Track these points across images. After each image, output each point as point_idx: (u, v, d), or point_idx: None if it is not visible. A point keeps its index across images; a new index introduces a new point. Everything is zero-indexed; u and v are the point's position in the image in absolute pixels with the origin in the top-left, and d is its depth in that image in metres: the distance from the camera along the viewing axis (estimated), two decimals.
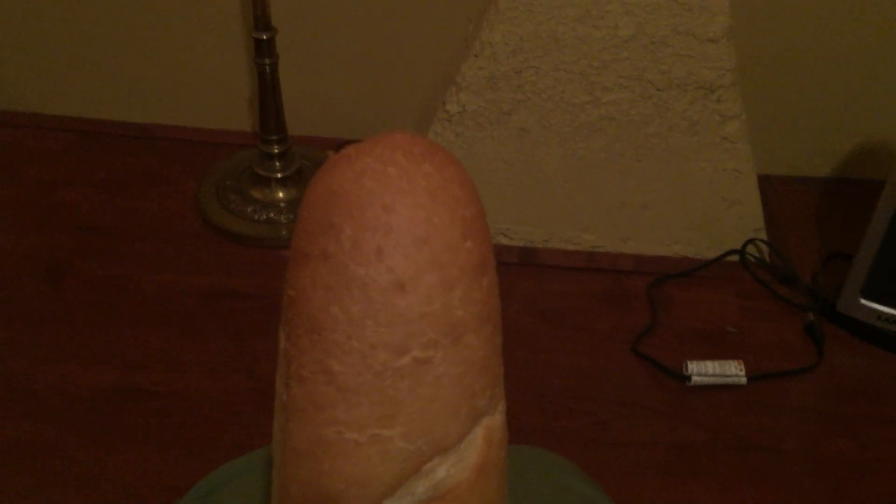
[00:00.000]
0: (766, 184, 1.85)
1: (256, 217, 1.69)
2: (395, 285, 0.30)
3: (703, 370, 1.46)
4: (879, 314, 1.51)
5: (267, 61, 1.61)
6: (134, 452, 1.30)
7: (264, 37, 1.58)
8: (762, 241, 1.67)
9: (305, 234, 0.33)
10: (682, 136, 1.58)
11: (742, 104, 1.56)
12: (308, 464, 0.33)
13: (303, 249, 0.33)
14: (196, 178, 1.81)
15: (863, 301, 1.52)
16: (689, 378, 1.46)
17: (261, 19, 1.57)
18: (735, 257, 1.67)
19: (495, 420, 0.34)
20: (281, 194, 1.73)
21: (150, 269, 1.60)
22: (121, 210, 1.73)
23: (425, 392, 0.31)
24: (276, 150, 1.70)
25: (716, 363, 1.47)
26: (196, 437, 1.33)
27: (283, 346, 0.33)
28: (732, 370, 1.47)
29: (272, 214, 1.69)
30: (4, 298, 1.53)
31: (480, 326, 0.33)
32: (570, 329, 1.55)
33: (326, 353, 0.31)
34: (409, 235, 0.31)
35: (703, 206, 1.64)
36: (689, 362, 1.47)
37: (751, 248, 1.67)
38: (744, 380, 1.46)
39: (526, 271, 1.64)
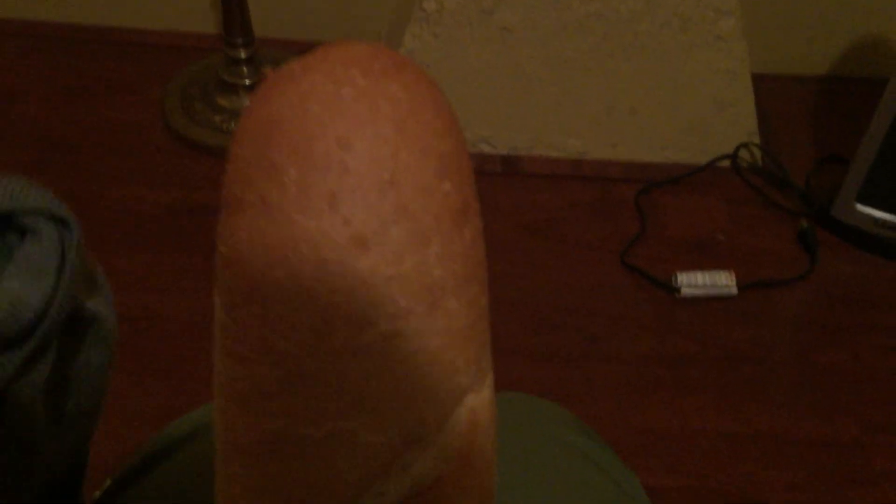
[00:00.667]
0: (759, 84, 1.76)
1: (224, 127, 1.60)
2: (355, 241, 0.23)
3: (692, 281, 1.41)
4: (876, 220, 1.46)
5: None
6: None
7: None
8: (755, 144, 1.60)
9: (239, 177, 0.25)
10: (674, 35, 1.49)
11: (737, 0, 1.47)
12: (254, 463, 0.26)
13: (236, 195, 0.26)
14: (160, 85, 1.70)
15: (859, 206, 1.46)
16: (678, 289, 1.41)
17: None
18: (727, 162, 1.61)
19: (482, 397, 0.27)
20: (249, 102, 1.63)
21: (112, 183, 1.52)
22: (81, 122, 1.63)
23: (395, 372, 0.25)
24: (242, 55, 1.59)
25: (706, 274, 1.42)
26: (166, 362, 1.28)
27: (220, 316, 0.26)
28: (723, 280, 1.42)
29: None
30: None
31: (463, 287, 0.26)
32: (556, 241, 1.49)
33: (271, 328, 0.24)
34: (371, 177, 0.24)
35: (694, 108, 1.56)
36: (678, 273, 1.42)
37: (743, 153, 1.60)
38: (734, 290, 1.42)
39: (509, 181, 1.57)
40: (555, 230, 1.50)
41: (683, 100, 1.55)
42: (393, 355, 0.25)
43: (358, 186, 0.24)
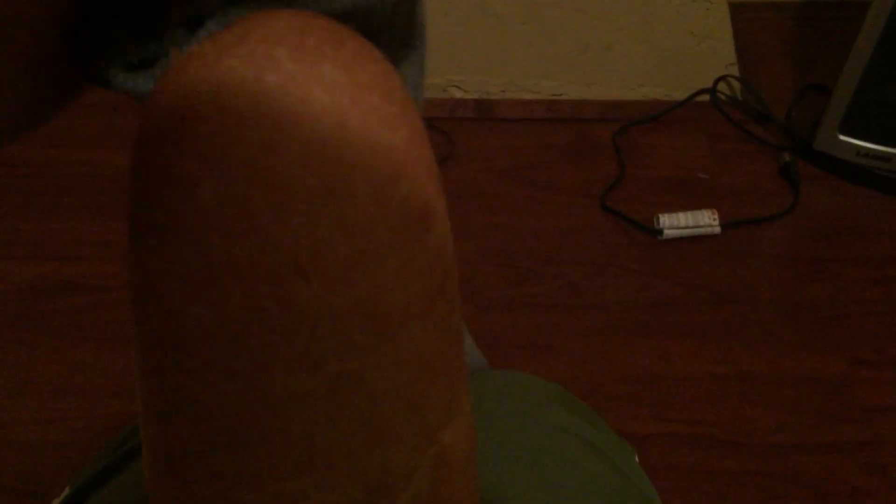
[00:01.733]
0: (737, 13, 1.71)
1: None
2: (291, 267, 0.19)
3: (675, 222, 1.38)
4: (859, 149, 1.42)
5: None
6: (70, 352, 1.21)
7: None
8: (734, 77, 1.55)
9: (145, 190, 0.21)
10: None
11: None
12: None
13: (143, 214, 0.21)
14: None
15: (841, 137, 1.43)
16: (660, 231, 1.37)
17: None
18: (706, 97, 1.56)
19: (456, 429, 0.23)
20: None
21: (71, 148, 1.45)
22: None
23: (350, 418, 0.21)
24: None
25: (688, 214, 1.38)
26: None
27: (135, 329, 0.22)
28: (705, 220, 1.38)
29: None
30: None
31: (428, 309, 0.21)
32: (533, 187, 1.44)
33: (192, 376, 0.20)
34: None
35: (671, 42, 1.51)
36: (660, 215, 1.38)
37: (722, 87, 1.55)
38: (717, 229, 1.38)
39: (483, 126, 1.51)
40: (531, 175, 1.45)
41: (659, 33, 1.49)
42: (346, 399, 0.21)
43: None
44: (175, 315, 0.20)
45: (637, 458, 0.52)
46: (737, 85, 1.56)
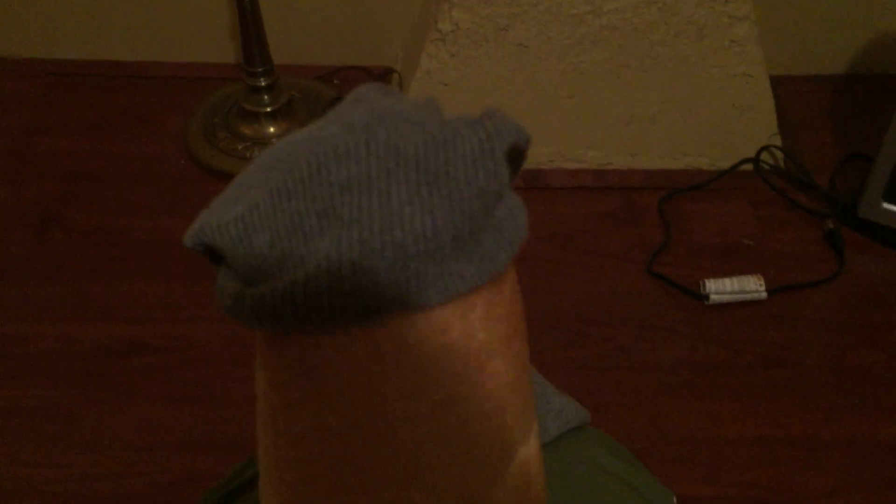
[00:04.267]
0: (778, 86, 1.76)
1: (248, 154, 1.61)
2: (403, 316, 0.24)
3: (721, 288, 1.41)
4: None
5: None
6: (141, 410, 1.27)
7: None
8: (777, 147, 1.59)
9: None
10: (689, 43, 1.49)
11: (751, 4, 1.47)
12: None
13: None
14: (181, 116, 1.72)
15: (885, 205, 1.46)
16: (707, 297, 1.41)
17: None
18: (749, 166, 1.60)
19: (530, 447, 0.28)
20: (272, 129, 1.65)
21: (141, 215, 1.54)
22: (106, 154, 1.66)
23: (449, 438, 0.26)
24: (262, 83, 1.61)
25: (734, 279, 1.42)
26: (205, 390, 1.29)
27: (264, 391, 0.27)
28: (752, 286, 1.41)
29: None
30: None
31: (506, 346, 0.27)
32: (582, 252, 1.49)
33: (322, 405, 0.25)
34: None
35: (714, 114, 1.56)
36: (706, 280, 1.42)
37: (765, 156, 1.60)
38: (764, 294, 1.41)
39: (532, 195, 1.57)
40: (580, 241, 1.50)
41: (702, 106, 1.55)
42: (446, 421, 0.26)
43: None
44: (307, 354, 0.25)
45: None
46: (779, 154, 1.60)
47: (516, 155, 0.31)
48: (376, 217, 0.25)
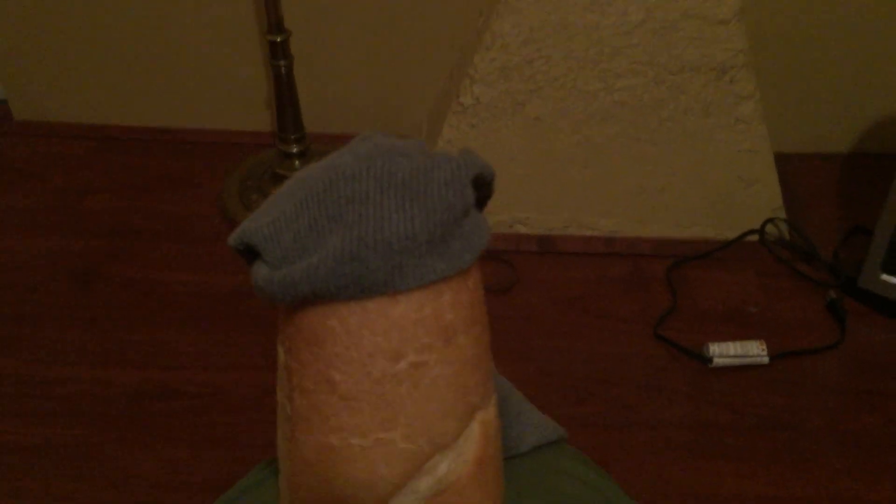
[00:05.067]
0: (785, 161, 1.85)
1: None
2: (388, 296, 0.32)
3: (724, 351, 1.47)
4: None
5: (282, 62, 1.63)
6: (167, 451, 1.34)
7: (278, 39, 1.61)
8: (781, 219, 1.67)
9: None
10: (697, 119, 1.58)
11: (755, 84, 1.56)
12: (317, 470, 0.35)
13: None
14: (219, 179, 1.84)
15: (884, 276, 1.52)
16: (711, 360, 1.47)
17: (274, 22, 1.59)
18: (754, 237, 1.68)
19: (489, 413, 0.36)
20: None
21: (177, 269, 1.64)
22: (147, 213, 1.77)
23: (423, 394, 0.33)
24: (294, 150, 1.72)
25: (737, 344, 1.48)
26: (227, 435, 1.36)
27: (283, 360, 0.35)
28: (754, 350, 1.47)
29: None
30: (37, 303, 1.57)
31: (469, 327, 0.35)
32: (592, 315, 1.56)
33: (327, 364, 0.33)
34: None
35: (720, 187, 1.64)
36: (710, 344, 1.48)
37: (770, 228, 1.67)
38: (766, 359, 1.47)
39: (546, 259, 1.66)
40: (590, 304, 1.58)
41: (709, 178, 1.63)
42: (420, 380, 0.33)
43: None
44: (317, 326, 0.33)
45: None
46: (784, 227, 1.67)
47: (482, 183, 0.39)
48: (371, 222, 0.34)
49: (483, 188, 0.41)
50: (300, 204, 0.36)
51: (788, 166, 1.84)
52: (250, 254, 0.40)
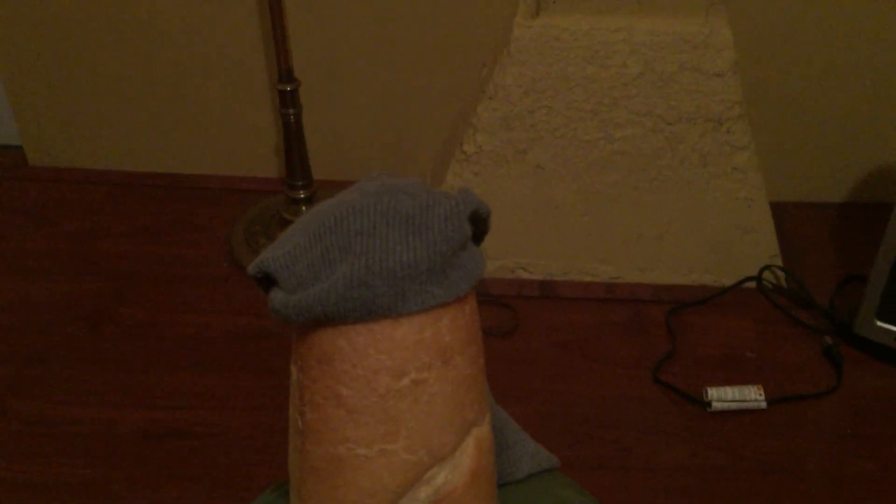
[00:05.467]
0: (782, 210, 1.89)
1: None
2: (392, 318, 0.36)
3: (723, 396, 1.49)
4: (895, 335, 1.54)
5: (291, 111, 1.69)
6: (174, 490, 1.36)
7: (288, 88, 1.66)
8: (778, 267, 1.70)
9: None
10: (694, 168, 1.63)
11: (751, 135, 1.61)
12: (324, 479, 0.38)
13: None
14: (226, 224, 1.88)
15: (879, 323, 1.55)
16: (709, 404, 1.49)
17: (284, 72, 1.65)
18: (752, 284, 1.71)
19: (484, 430, 0.39)
20: None
21: (185, 312, 1.67)
22: (156, 257, 1.81)
23: (423, 409, 0.37)
24: (301, 195, 1.77)
25: (735, 389, 1.50)
26: (235, 474, 1.39)
27: (295, 377, 0.39)
28: (752, 395, 1.50)
29: None
30: (48, 344, 1.60)
31: (466, 348, 0.38)
32: (592, 359, 1.59)
33: (336, 380, 0.37)
34: None
35: (718, 234, 1.68)
36: (709, 388, 1.50)
37: (767, 275, 1.71)
38: (763, 404, 1.49)
39: (546, 304, 1.69)
40: (590, 349, 1.61)
41: (706, 226, 1.67)
42: (421, 396, 0.37)
43: None
44: (327, 345, 0.37)
45: None
46: (781, 274, 1.71)
47: (478, 219, 0.43)
48: (378, 252, 0.37)
49: (480, 224, 0.45)
50: (313, 236, 0.40)
51: (784, 215, 1.89)
52: (268, 281, 0.43)
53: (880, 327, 1.55)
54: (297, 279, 0.39)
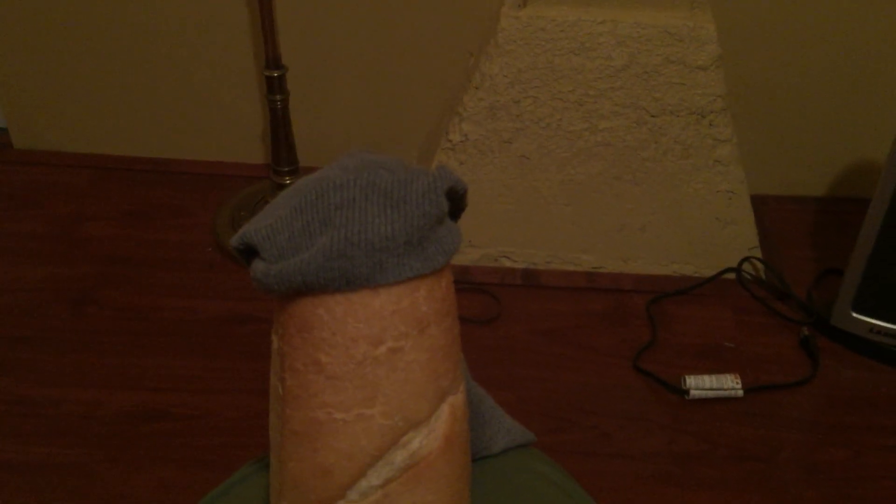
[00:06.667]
0: (762, 203, 1.92)
1: None
2: (370, 289, 0.37)
3: (700, 384, 1.52)
4: (871, 326, 1.57)
5: (278, 97, 1.69)
6: (158, 471, 1.37)
7: (275, 74, 1.67)
8: (757, 258, 1.73)
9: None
10: (677, 160, 1.65)
11: (733, 128, 1.63)
12: (304, 442, 0.40)
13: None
14: (212, 209, 1.89)
15: (854, 314, 1.57)
16: (687, 392, 1.51)
17: (272, 58, 1.66)
18: (731, 275, 1.73)
19: (458, 398, 0.41)
20: None
21: (170, 296, 1.68)
22: (142, 241, 1.82)
23: (399, 376, 0.38)
24: (287, 182, 1.77)
25: (713, 377, 1.52)
26: (217, 457, 1.40)
27: (276, 345, 0.40)
28: (729, 383, 1.52)
29: None
30: (34, 327, 1.61)
31: (441, 319, 0.40)
32: (573, 347, 1.61)
33: (315, 347, 0.38)
34: None
35: (699, 226, 1.70)
36: (687, 376, 1.52)
37: (746, 266, 1.73)
38: (740, 392, 1.52)
39: (529, 292, 1.71)
40: (572, 337, 1.63)
41: (688, 217, 1.69)
42: (397, 364, 0.38)
43: None
44: (307, 314, 0.38)
45: None
46: (760, 265, 1.73)
47: (455, 196, 0.44)
48: (356, 224, 0.39)
49: (457, 200, 0.46)
50: (295, 209, 0.41)
51: (764, 208, 1.91)
52: (250, 253, 0.45)
53: (856, 318, 1.58)
54: (278, 250, 0.41)
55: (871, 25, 1.74)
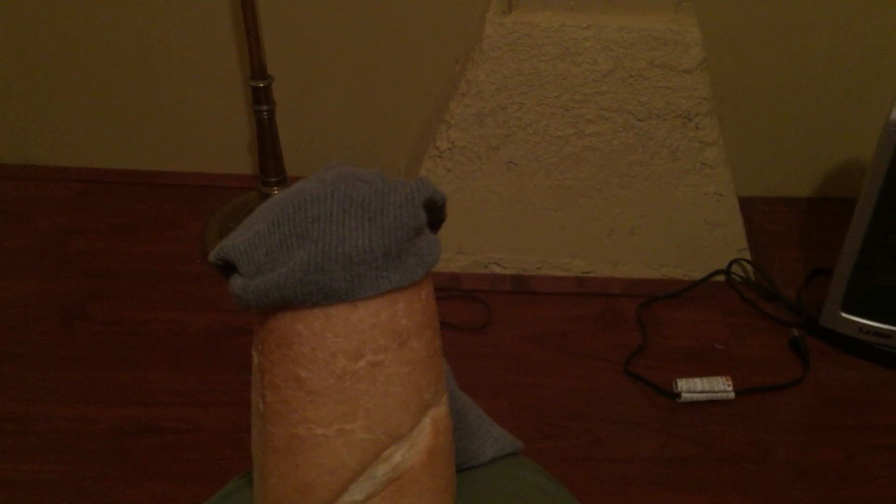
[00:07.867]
0: (751, 205, 1.92)
1: None
2: (349, 303, 0.37)
3: (692, 387, 1.52)
4: (861, 326, 1.57)
5: (264, 108, 1.69)
6: (149, 486, 1.37)
7: (261, 85, 1.67)
8: (746, 260, 1.73)
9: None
10: (664, 164, 1.65)
11: (719, 131, 1.63)
12: (285, 458, 0.39)
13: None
14: (200, 221, 1.88)
15: (844, 315, 1.58)
16: (678, 395, 1.51)
17: (257, 69, 1.66)
18: (721, 277, 1.74)
19: (441, 410, 0.40)
20: None
21: (159, 309, 1.68)
22: (130, 254, 1.81)
23: (379, 390, 0.38)
24: (275, 192, 1.77)
25: (704, 380, 1.52)
26: (207, 470, 1.39)
27: (257, 361, 0.40)
28: (720, 386, 1.52)
29: None
30: (22, 342, 1.60)
31: (422, 332, 0.40)
32: (564, 352, 1.61)
33: (295, 363, 0.38)
34: None
35: (687, 229, 1.70)
36: (678, 380, 1.52)
37: (736, 268, 1.73)
38: (732, 395, 1.52)
39: (519, 298, 1.71)
40: (563, 342, 1.62)
41: (676, 221, 1.69)
42: (377, 378, 0.38)
43: None
44: (286, 330, 0.38)
45: None
46: (749, 267, 1.73)
47: (433, 206, 0.44)
48: (334, 238, 0.39)
49: (436, 212, 0.46)
50: (273, 223, 0.41)
51: (752, 209, 1.92)
52: (228, 268, 0.45)
53: (846, 319, 1.58)
54: (256, 265, 0.41)
55: (854, 27, 1.74)
